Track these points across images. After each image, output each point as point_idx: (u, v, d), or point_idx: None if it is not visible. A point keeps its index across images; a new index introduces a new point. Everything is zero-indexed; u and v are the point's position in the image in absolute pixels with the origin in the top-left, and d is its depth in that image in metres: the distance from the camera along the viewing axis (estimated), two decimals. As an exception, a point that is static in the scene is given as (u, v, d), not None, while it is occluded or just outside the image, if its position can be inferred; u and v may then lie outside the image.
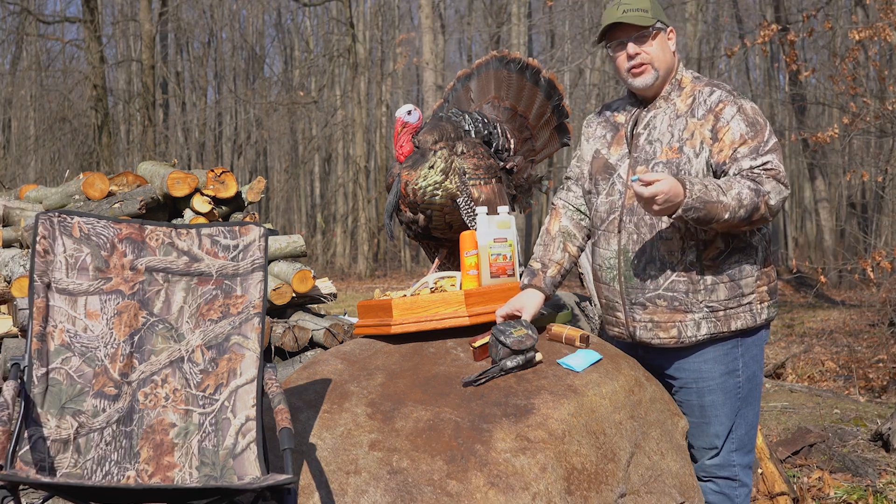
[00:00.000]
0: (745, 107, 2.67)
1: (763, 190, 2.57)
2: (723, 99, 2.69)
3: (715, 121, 2.66)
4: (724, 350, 2.74)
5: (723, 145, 2.64)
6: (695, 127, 2.68)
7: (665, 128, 2.72)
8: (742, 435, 2.80)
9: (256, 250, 2.55)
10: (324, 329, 4.04)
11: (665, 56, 2.74)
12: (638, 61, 2.72)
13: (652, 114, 2.76)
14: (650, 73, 2.73)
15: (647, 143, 2.73)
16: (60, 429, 2.32)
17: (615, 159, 2.80)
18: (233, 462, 2.36)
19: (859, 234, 15.56)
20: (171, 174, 4.30)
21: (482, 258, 2.94)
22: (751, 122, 2.65)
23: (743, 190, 2.54)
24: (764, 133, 2.64)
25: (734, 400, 2.78)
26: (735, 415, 2.78)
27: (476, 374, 2.71)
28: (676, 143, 2.68)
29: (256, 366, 2.45)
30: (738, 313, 2.71)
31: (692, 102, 2.72)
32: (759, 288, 2.72)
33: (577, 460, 2.55)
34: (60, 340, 2.38)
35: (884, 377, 8.29)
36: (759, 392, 2.83)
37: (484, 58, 3.44)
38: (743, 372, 2.76)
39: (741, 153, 2.62)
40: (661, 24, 2.74)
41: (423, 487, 2.43)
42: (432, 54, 19.06)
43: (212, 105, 26.17)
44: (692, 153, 2.66)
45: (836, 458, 4.90)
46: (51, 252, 2.43)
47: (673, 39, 2.78)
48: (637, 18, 2.69)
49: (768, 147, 2.63)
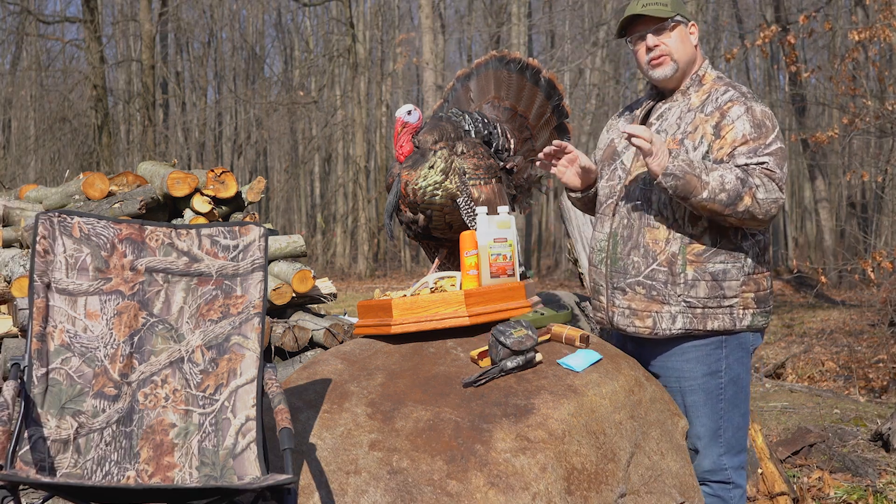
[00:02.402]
0: (755, 109, 2.67)
1: (751, 182, 2.57)
2: (733, 98, 2.70)
3: (720, 118, 2.67)
4: (706, 351, 2.75)
5: (724, 143, 2.65)
6: (700, 122, 2.70)
7: (674, 120, 2.75)
8: (730, 438, 2.80)
9: (256, 250, 2.55)
10: (324, 329, 4.04)
11: (685, 49, 2.77)
12: (657, 53, 2.75)
13: (667, 106, 2.80)
14: (669, 64, 2.75)
15: (657, 133, 2.75)
16: (60, 429, 2.32)
17: (622, 147, 2.85)
18: (233, 462, 2.36)
19: (859, 235, 15.56)
20: (171, 174, 4.30)
21: (482, 258, 2.94)
22: (756, 124, 2.65)
23: (727, 174, 2.56)
24: (768, 137, 2.64)
25: (716, 401, 2.78)
26: (719, 417, 2.78)
27: (476, 374, 2.71)
28: (679, 136, 2.71)
29: (256, 366, 2.45)
30: (717, 314, 2.71)
31: (706, 99, 2.74)
32: (743, 293, 2.71)
33: (577, 460, 2.55)
34: (60, 341, 2.38)
35: (884, 377, 8.29)
36: (746, 395, 2.81)
37: (484, 57, 3.44)
38: (726, 374, 2.76)
39: (740, 151, 2.63)
40: (682, 18, 2.77)
41: (423, 487, 2.43)
42: (432, 54, 19.07)
43: (212, 105, 26.17)
44: (691, 146, 2.68)
45: (836, 458, 4.90)
46: (51, 252, 2.43)
47: (695, 34, 2.80)
48: (656, 11, 2.73)
49: (769, 150, 2.63)
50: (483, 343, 2.86)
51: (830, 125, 13.98)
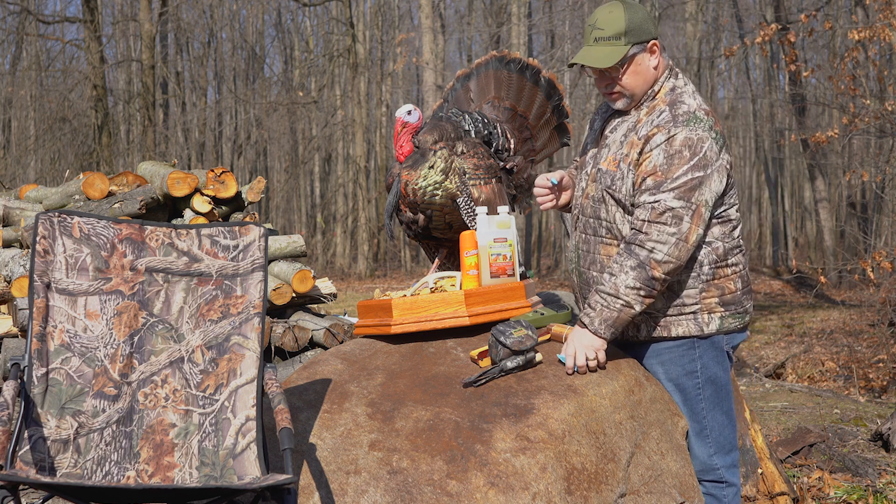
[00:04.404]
0: (677, 138, 2.61)
1: (643, 256, 2.59)
2: (661, 124, 2.64)
3: (644, 144, 2.66)
4: (679, 352, 2.76)
5: (640, 172, 2.65)
6: (632, 145, 2.69)
7: (619, 136, 2.75)
8: (717, 437, 2.80)
9: (256, 250, 2.55)
10: (324, 329, 4.04)
11: (640, 79, 2.71)
12: (609, 90, 2.75)
13: (620, 119, 2.79)
14: (622, 99, 2.75)
15: (604, 147, 2.79)
16: (60, 429, 2.32)
17: (589, 156, 2.87)
18: (233, 462, 2.36)
19: (859, 235, 15.55)
20: (171, 174, 4.30)
21: (482, 258, 2.94)
22: (671, 154, 2.60)
23: (627, 279, 2.60)
24: (680, 168, 2.59)
25: (696, 402, 2.78)
26: (702, 417, 2.79)
27: (476, 374, 2.71)
28: (618, 157, 2.71)
29: (256, 366, 2.45)
30: (680, 321, 2.73)
31: (647, 119, 2.70)
32: (704, 299, 2.71)
33: (577, 460, 2.55)
34: (60, 340, 2.38)
35: (884, 377, 8.29)
36: (727, 394, 2.80)
37: (484, 58, 3.44)
38: (702, 374, 2.76)
39: (646, 185, 2.62)
40: (637, 47, 2.68)
41: (423, 487, 2.43)
42: (432, 54, 19.08)
43: (212, 105, 26.16)
44: (625, 170, 2.69)
45: (836, 457, 4.90)
46: (51, 252, 2.43)
47: (656, 53, 2.70)
48: (605, 57, 2.66)
49: (675, 183, 2.58)
50: (483, 343, 2.86)
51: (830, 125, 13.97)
